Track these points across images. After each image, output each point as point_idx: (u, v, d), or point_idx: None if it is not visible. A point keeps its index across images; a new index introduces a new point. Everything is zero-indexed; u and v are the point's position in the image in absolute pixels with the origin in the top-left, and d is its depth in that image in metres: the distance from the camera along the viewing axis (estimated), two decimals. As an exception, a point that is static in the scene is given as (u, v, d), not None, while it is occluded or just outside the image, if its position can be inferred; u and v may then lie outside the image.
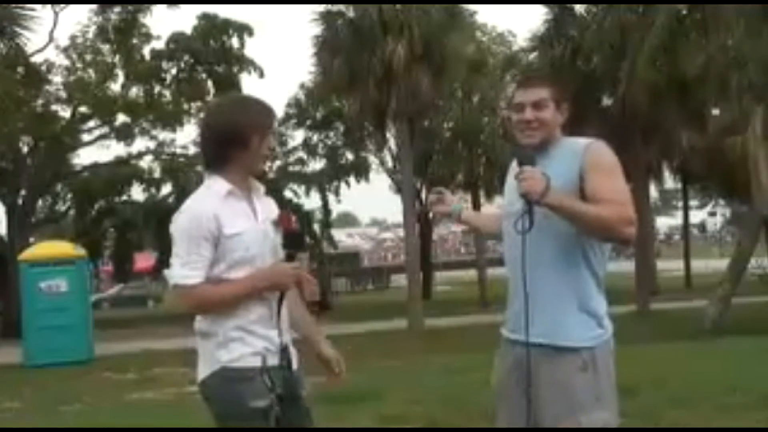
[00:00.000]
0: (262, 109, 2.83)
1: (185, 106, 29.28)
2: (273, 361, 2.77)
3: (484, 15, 75.56)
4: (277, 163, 31.36)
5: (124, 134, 29.07)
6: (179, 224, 2.73)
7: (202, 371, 2.78)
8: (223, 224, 2.69)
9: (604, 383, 2.80)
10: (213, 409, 2.80)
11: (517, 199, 2.78)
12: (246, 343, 2.73)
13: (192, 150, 30.54)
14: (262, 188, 2.89)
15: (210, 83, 29.01)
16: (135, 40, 28.03)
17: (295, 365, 2.87)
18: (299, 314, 2.98)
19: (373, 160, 32.89)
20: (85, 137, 28.79)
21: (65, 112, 27.73)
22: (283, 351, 2.81)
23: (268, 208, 2.87)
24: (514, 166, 2.96)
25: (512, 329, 2.92)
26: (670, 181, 31.94)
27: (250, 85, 31.44)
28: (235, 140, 2.74)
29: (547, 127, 2.87)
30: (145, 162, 30.58)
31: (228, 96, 3.00)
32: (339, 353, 3.02)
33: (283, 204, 23.38)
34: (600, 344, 2.82)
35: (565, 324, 2.80)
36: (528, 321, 2.80)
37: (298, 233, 2.83)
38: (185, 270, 2.69)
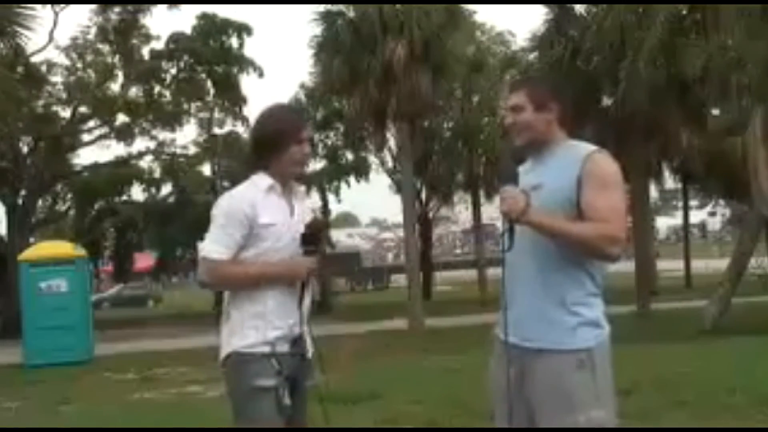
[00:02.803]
0: (297, 119, 3.15)
1: (185, 106, 29.31)
2: (284, 348, 2.96)
3: (484, 14, 75.60)
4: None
5: (124, 134, 29.09)
6: (220, 206, 3.00)
7: (222, 352, 3.02)
8: (259, 213, 2.94)
9: (601, 383, 2.81)
10: (226, 388, 3.04)
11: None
12: (259, 331, 2.94)
13: (192, 150, 30.60)
14: (301, 192, 3.18)
15: (210, 83, 29.03)
16: (135, 41, 28.05)
17: (309, 356, 3.06)
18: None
19: (373, 160, 32.90)
20: (85, 137, 28.83)
21: (65, 112, 27.77)
22: (297, 340, 2.99)
23: (304, 212, 3.11)
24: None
25: (508, 332, 2.92)
26: (670, 181, 31.92)
27: (250, 85, 31.45)
28: (272, 145, 3.01)
29: (529, 128, 2.91)
30: (145, 162, 30.63)
31: (274, 104, 3.19)
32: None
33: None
34: (597, 344, 2.83)
35: (560, 329, 2.81)
36: (511, 326, 2.84)
37: (314, 233, 3.03)
38: (214, 245, 2.94)
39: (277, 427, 2.91)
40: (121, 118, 28.65)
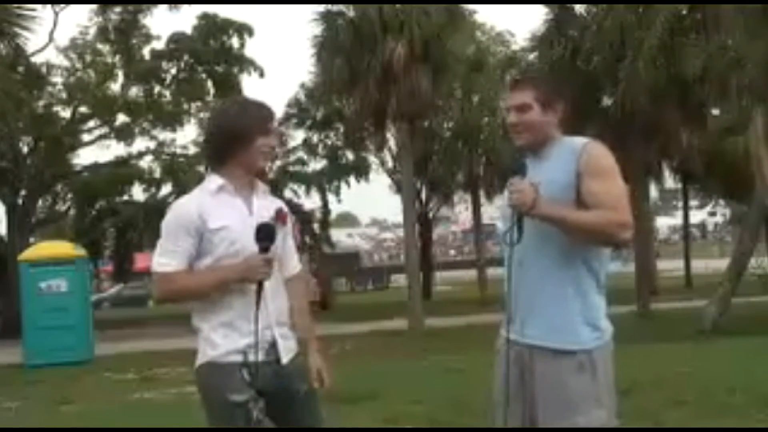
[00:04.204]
0: (260, 111, 2.94)
1: (185, 106, 29.29)
2: (258, 356, 2.82)
3: (484, 14, 75.59)
4: (277, 163, 31.34)
5: (124, 134, 29.08)
6: (165, 219, 2.91)
7: (196, 363, 2.92)
8: (208, 219, 2.81)
9: (601, 385, 2.81)
10: (201, 399, 2.94)
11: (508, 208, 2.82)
12: (229, 340, 2.82)
13: (192, 150, 30.58)
14: (266, 189, 2.99)
15: (210, 83, 29.01)
16: (135, 41, 28.05)
17: (285, 360, 2.90)
18: (297, 315, 3.03)
19: (373, 160, 32.90)
20: (85, 137, 28.82)
21: (65, 113, 27.78)
22: (271, 346, 2.86)
23: (268, 206, 2.94)
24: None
25: (511, 330, 2.93)
26: (670, 181, 31.93)
27: (250, 85, 31.44)
28: (233, 139, 2.86)
29: (533, 129, 2.89)
30: (145, 162, 30.62)
31: (231, 98, 3.09)
32: (326, 365, 3.05)
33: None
34: (598, 346, 2.83)
35: (562, 327, 2.81)
36: (515, 324, 2.84)
37: (269, 225, 2.85)
38: (163, 259, 2.83)
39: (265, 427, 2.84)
40: (121, 118, 28.64)
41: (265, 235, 2.82)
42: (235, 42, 28.80)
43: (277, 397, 2.86)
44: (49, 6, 24.66)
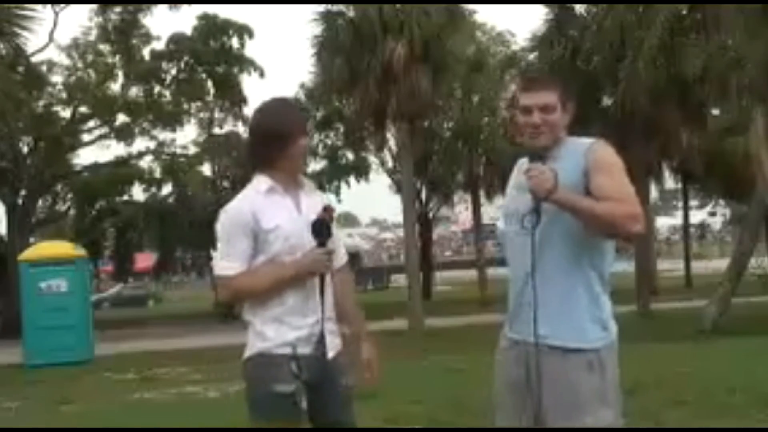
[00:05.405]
0: (298, 111, 3.12)
1: (185, 106, 29.32)
2: (306, 349, 2.89)
3: (484, 14, 75.53)
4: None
5: (124, 134, 29.11)
6: (220, 222, 2.95)
7: (244, 356, 2.98)
8: (261, 219, 2.88)
9: (609, 384, 2.81)
10: (245, 390, 2.99)
11: (525, 195, 2.78)
12: (279, 333, 2.89)
13: (192, 150, 30.62)
14: (311, 185, 3.08)
15: (210, 83, 29.03)
16: (135, 41, 28.08)
17: (331, 354, 2.96)
18: (347, 308, 3.10)
19: (373, 160, 32.89)
20: (85, 137, 28.85)
21: (65, 113, 27.80)
22: (319, 340, 2.92)
23: (315, 204, 3.00)
24: (520, 164, 2.95)
25: (517, 330, 2.91)
26: (670, 181, 31.92)
27: (250, 85, 31.45)
28: (277, 140, 2.92)
29: (555, 130, 2.87)
30: (145, 162, 30.65)
31: (272, 99, 3.09)
32: (376, 356, 3.14)
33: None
34: (605, 345, 2.82)
35: (571, 325, 2.80)
36: (536, 321, 2.80)
37: (322, 220, 2.92)
38: (224, 262, 2.91)
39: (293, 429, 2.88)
40: (121, 118, 28.69)
41: (321, 229, 2.90)
42: (234, 42, 28.83)
43: (319, 391, 2.91)
44: (49, 6, 24.70)
